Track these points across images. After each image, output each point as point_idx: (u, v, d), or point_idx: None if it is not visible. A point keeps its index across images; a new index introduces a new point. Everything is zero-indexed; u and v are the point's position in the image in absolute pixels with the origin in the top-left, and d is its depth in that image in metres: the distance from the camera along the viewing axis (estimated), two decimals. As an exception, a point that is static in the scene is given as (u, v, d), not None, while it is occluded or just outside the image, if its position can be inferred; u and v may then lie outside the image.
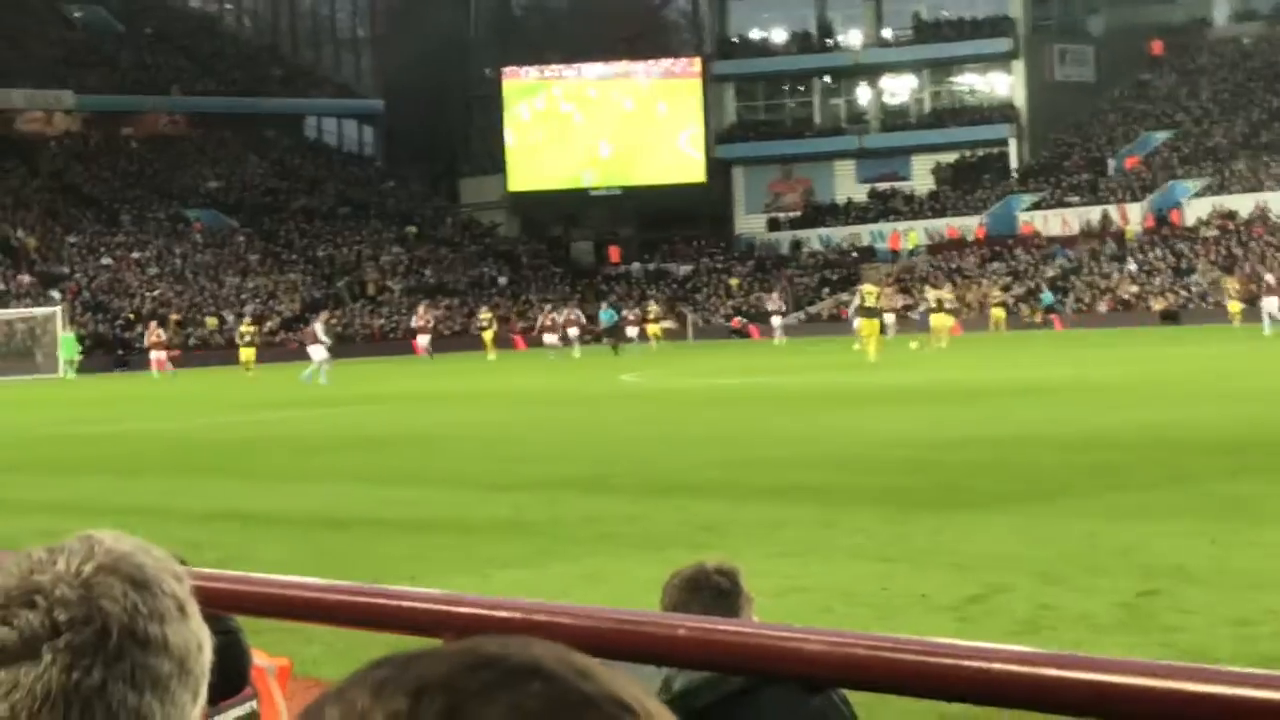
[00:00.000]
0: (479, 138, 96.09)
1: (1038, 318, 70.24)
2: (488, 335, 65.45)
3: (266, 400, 39.54)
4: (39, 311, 67.05)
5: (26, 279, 72.51)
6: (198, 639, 1.62)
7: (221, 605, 4.19)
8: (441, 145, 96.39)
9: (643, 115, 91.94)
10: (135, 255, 77.55)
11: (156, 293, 74.53)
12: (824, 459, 19.93)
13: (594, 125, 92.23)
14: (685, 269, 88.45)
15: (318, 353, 50.17)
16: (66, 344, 63.98)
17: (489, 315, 68.79)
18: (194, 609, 1.62)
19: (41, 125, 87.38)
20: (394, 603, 3.49)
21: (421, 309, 67.53)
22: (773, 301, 72.37)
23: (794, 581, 11.53)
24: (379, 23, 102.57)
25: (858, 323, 49.36)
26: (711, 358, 55.30)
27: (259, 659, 4.72)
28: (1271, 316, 55.65)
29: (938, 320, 55.15)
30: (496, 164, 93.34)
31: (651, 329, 68.59)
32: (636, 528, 14.62)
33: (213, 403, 40.14)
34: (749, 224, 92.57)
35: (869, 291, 49.42)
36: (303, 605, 3.84)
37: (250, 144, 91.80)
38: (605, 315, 70.69)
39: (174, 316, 71.65)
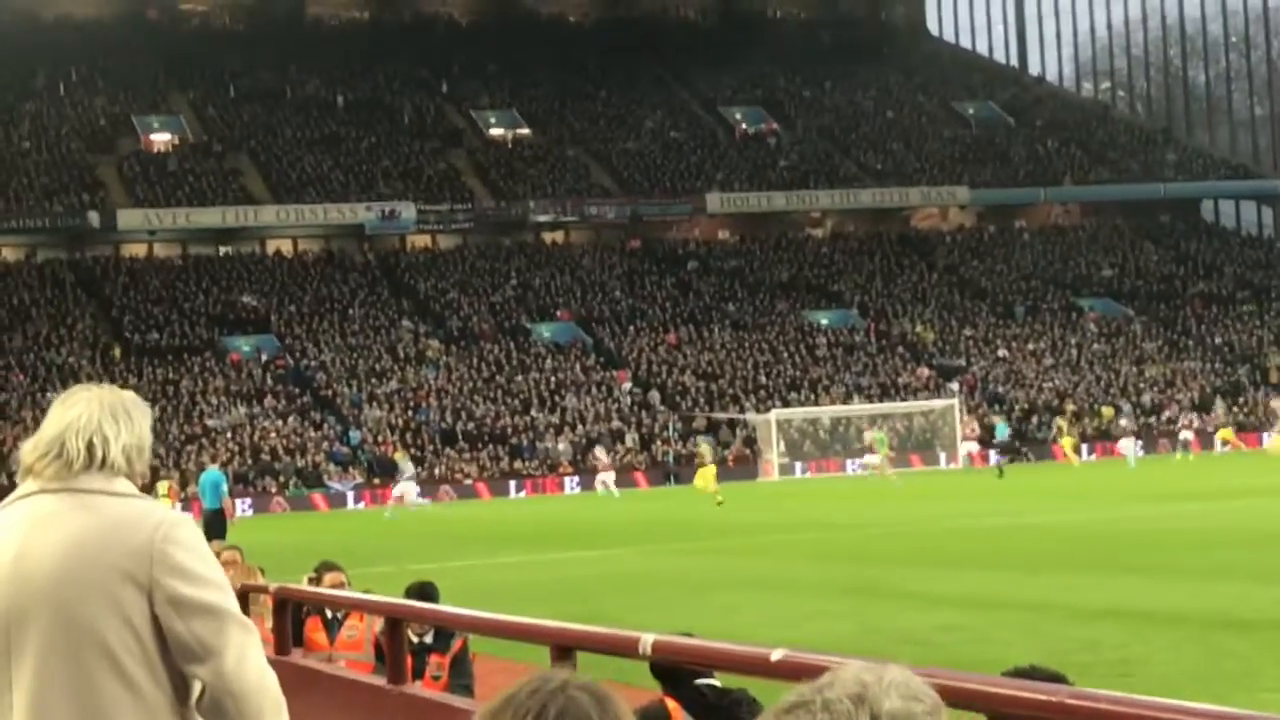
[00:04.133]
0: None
1: None
2: None
3: (1161, 493, 38.79)
4: (937, 404, 68.90)
5: (925, 372, 74.74)
6: None
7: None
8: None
9: None
10: (1030, 346, 78.37)
11: (1052, 383, 74.95)
12: None
13: None
14: None
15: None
16: (879, 441, 65.56)
17: None
18: None
19: (936, 221, 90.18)
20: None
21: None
22: None
23: None
24: (1276, 98, 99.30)
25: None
26: None
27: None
28: None
29: None
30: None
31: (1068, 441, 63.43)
32: None
33: (1110, 494, 39.79)
34: None
35: None
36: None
37: (1144, 230, 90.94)
38: (999, 430, 64.66)
39: (1070, 407, 71.81)
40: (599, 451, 62.47)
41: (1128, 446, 62.68)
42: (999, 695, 4.11)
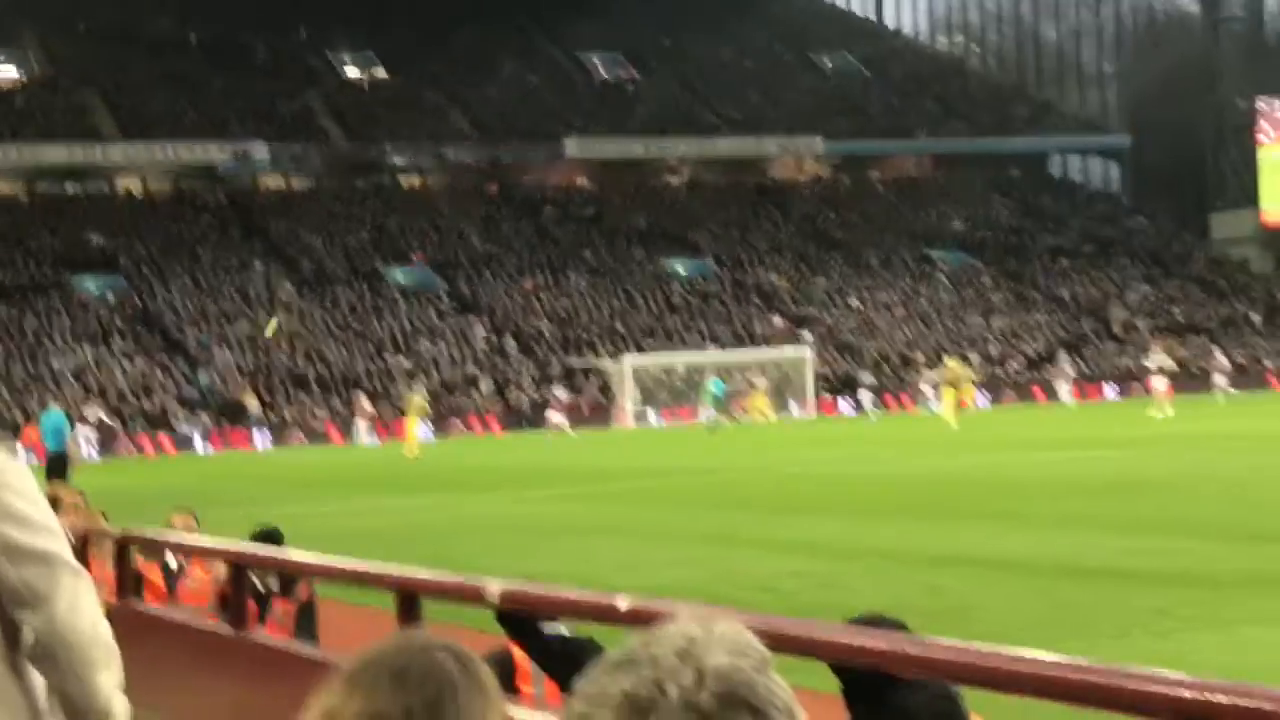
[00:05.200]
0: (1231, 170, 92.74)
1: None
2: None
3: (1008, 441, 39.40)
4: (789, 353, 69.37)
5: (779, 321, 75.19)
6: None
7: (946, 676, 4.05)
8: (1190, 179, 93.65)
9: None
10: (882, 297, 79.12)
11: (902, 334, 75.75)
12: None
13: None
14: None
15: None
16: (709, 391, 65.70)
17: None
18: (796, 707, 1.56)
19: (793, 172, 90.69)
20: (1139, 687, 3.18)
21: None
22: None
23: None
24: (1124, 55, 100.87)
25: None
26: None
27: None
28: None
29: None
30: (1250, 197, 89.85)
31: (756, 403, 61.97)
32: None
33: (955, 443, 40.34)
34: None
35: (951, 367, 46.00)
36: (1032, 681, 3.62)
37: (994, 184, 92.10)
38: (715, 386, 62.23)
39: (919, 357, 72.60)
40: (362, 397, 61.89)
41: (866, 398, 64.13)
42: (841, 644, 4.13)
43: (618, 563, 18.02)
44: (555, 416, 58.86)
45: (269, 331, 62.41)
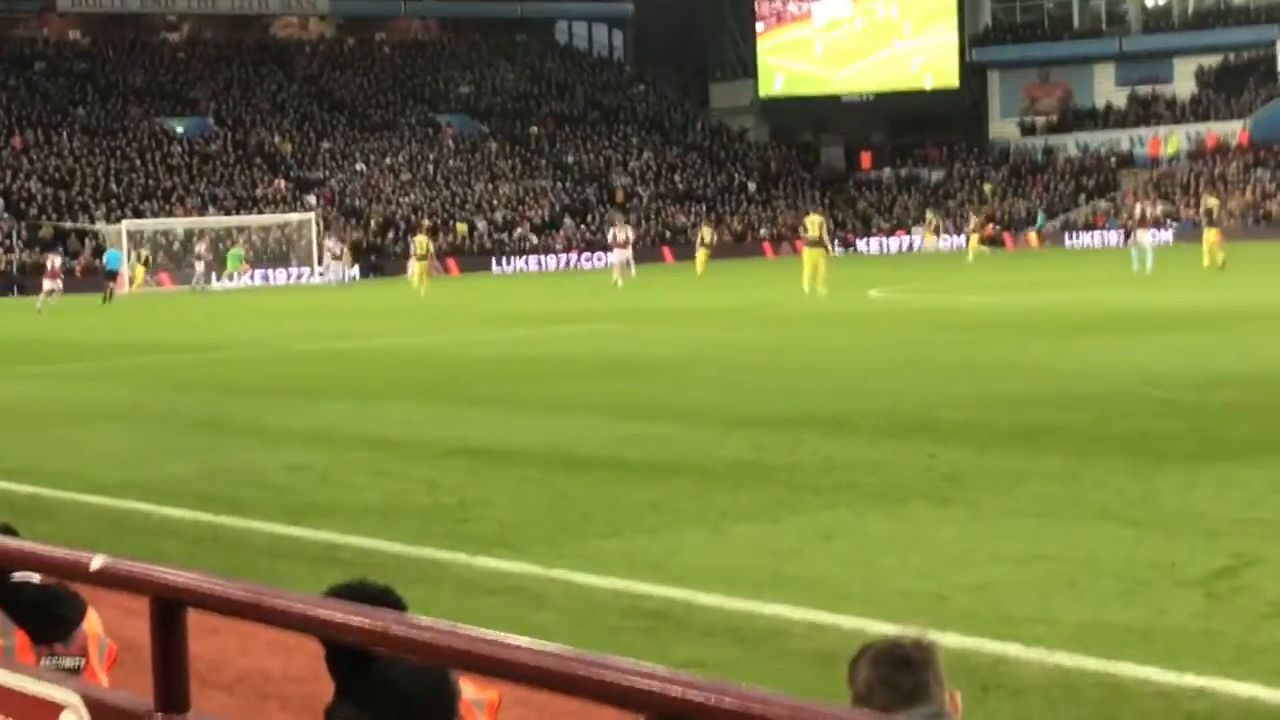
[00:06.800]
0: (730, 42, 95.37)
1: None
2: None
3: (515, 315, 39.83)
4: (294, 217, 68.38)
5: (282, 184, 73.95)
6: None
7: (428, 658, 3.99)
8: (692, 49, 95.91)
9: (896, 18, 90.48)
10: (388, 161, 78.62)
11: (409, 199, 75.55)
12: (1074, 397, 19.24)
13: (847, 29, 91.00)
14: (937, 175, 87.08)
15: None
16: (233, 258, 64.85)
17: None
18: None
19: (297, 31, 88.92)
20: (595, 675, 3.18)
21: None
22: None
23: (1035, 547, 11.10)
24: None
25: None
26: (966, 271, 54.41)
27: (468, 692, 4.56)
28: None
29: (1210, 235, 50.70)
30: (748, 68, 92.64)
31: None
32: (877, 476, 14.17)
33: (463, 317, 40.57)
34: (1003, 129, 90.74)
35: (813, 222, 46.14)
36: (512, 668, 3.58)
37: (501, 49, 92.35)
38: (110, 258, 59.69)
39: (425, 223, 72.60)
40: None
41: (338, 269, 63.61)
42: (327, 619, 3.97)
43: (108, 456, 17.36)
44: (49, 283, 55.68)
45: None
